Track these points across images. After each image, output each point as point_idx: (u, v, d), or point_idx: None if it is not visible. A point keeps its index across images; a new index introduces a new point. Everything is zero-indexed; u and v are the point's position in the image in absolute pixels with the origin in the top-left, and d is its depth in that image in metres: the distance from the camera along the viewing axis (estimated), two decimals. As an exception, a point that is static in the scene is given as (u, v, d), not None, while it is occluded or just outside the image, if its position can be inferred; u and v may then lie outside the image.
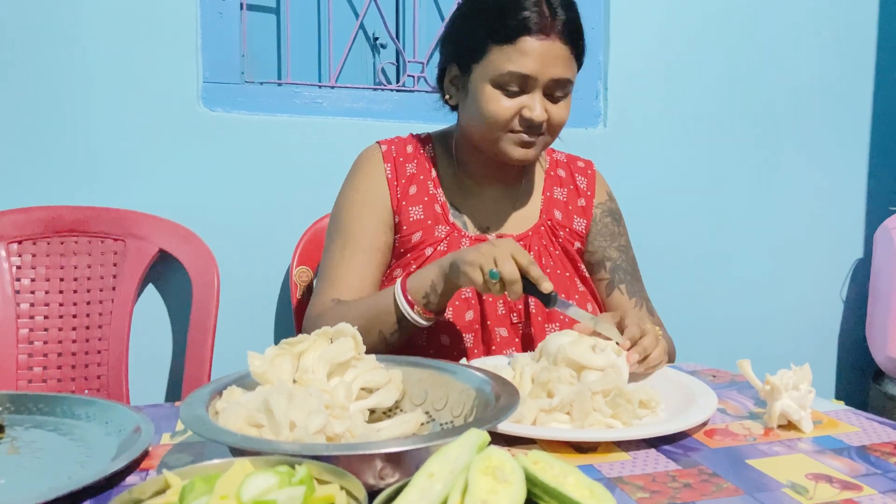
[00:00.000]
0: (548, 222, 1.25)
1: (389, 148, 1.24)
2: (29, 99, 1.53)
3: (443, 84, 1.21)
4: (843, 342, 2.22)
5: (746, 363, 0.86)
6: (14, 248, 1.51)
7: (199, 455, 0.73)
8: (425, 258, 1.17)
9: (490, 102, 1.10)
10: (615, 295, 1.25)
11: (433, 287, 1.02)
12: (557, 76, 1.09)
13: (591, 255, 1.28)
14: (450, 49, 1.18)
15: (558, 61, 1.08)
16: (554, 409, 0.80)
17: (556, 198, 1.27)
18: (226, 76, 1.65)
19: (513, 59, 1.07)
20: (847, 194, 2.17)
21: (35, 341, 1.50)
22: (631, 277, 1.27)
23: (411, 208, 1.20)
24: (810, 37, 2.07)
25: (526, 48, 1.07)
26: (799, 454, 0.73)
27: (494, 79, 1.09)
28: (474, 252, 0.97)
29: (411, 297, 1.03)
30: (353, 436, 0.68)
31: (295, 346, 0.76)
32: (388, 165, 1.22)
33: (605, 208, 1.30)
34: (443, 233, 1.19)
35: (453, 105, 1.22)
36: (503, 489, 0.47)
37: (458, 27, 1.17)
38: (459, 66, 1.16)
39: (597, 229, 1.28)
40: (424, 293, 1.03)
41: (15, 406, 0.84)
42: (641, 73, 1.93)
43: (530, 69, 1.07)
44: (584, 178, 1.31)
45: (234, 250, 1.64)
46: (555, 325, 1.17)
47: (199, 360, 1.50)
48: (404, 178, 1.22)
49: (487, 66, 1.10)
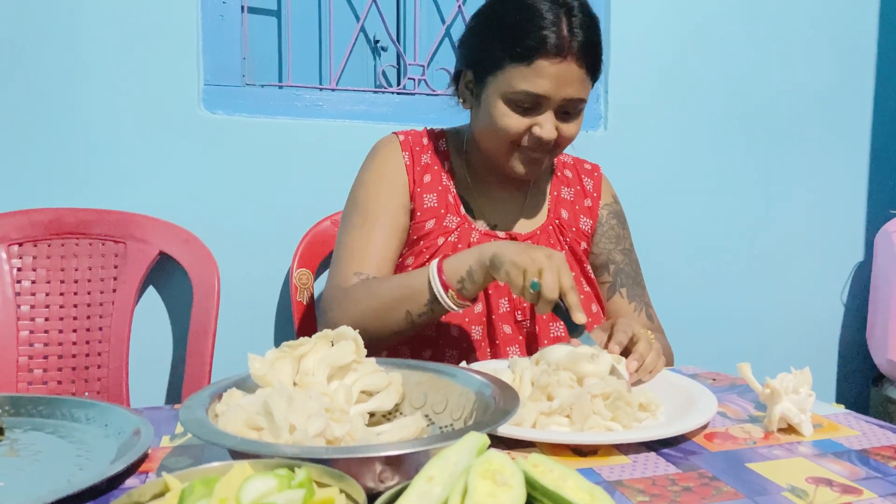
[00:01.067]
0: (555, 221, 1.25)
1: (406, 138, 1.25)
2: (30, 101, 1.53)
3: (458, 86, 1.21)
4: (843, 345, 2.21)
5: (746, 367, 0.86)
6: (15, 251, 1.51)
7: (199, 458, 0.73)
8: (437, 248, 1.17)
9: (501, 118, 1.10)
10: (615, 298, 1.26)
11: (470, 273, 1.00)
12: (571, 96, 1.08)
13: (596, 258, 1.28)
14: (466, 55, 1.18)
15: (573, 82, 1.08)
16: (554, 412, 0.80)
17: (564, 197, 1.28)
18: (227, 79, 1.65)
19: (528, 79, 1.06)
20: (848, 197, 2.17)
21: (35, 343, 1.50)
22: (633, 282, 1.27)
23: (426, 196, 1.20)
24: (811, 40, 2.07)
25: (541, 70, 1.06)
26: (799, 458, 0.73)
27: (507, 95, 1.08)
28: (523, 255, 0.94)
29: (446, 280, 1.01)
30: (353, 439, 0.68)
31: (295, 349, 0.76)
32: (405, 153, 1.22)
33: (611, 210, 1.31)
34: (453, 223, 1.19)
35: (467, 108, 1.22)
36: (503, 493, 0.47)
37: (476, 35, 1.15)
38: (475, 74, 1.15)
39: (602, 231, 1.29)
40: (460, 278, 1.00)
41: (15, 408, 0.84)
42: (642, 76, 1.93)
43: (544, 90, 1.06)
44: (590, 179, 1.31)
45: (234, 253, 1.64)
46: (558, 325, 1.17)
47: (199, 362, 1.50)
48: (419, 166, 1.22)
49: (502, 82, 1.09)
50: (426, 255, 1.17)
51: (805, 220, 2.12)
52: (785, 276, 2.12)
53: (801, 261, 2.13)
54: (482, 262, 0.99)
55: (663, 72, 1.95)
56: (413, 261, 1.18)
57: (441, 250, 1.17)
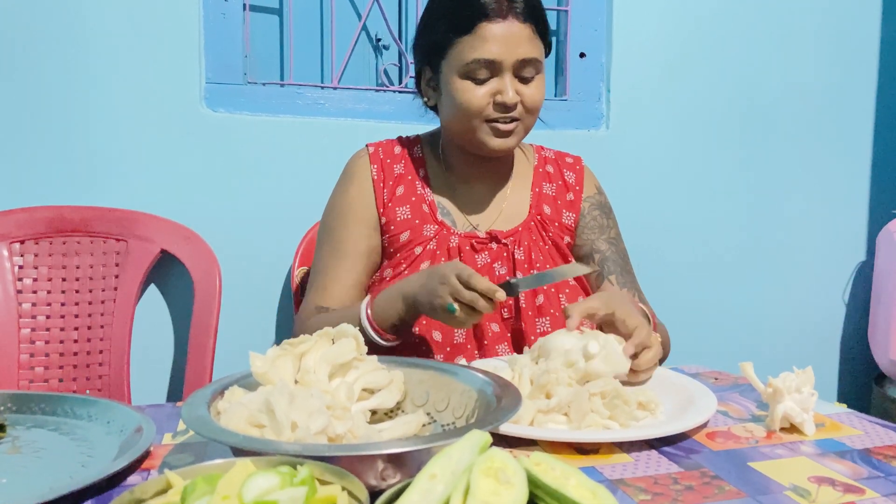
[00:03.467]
0: (537, 217, 1.25)
1: (377, 150, 1.26)
2: (32, 99, 1.53)
3: (420, 88, 1.23)
4: (845, 345, 2.21)
5: (749, 366, 0.86)
6: (17, 248, 1.51)
7: (201, 455, 0.73)
8: (415, 257, 1.18)
9: (462, 93, 1.12)
10: (605, 286, 1.25)
11: (401, 319, 1.05)
12: (522, 56, 1.10)
13: (580, 249, 1.28)
14: (419, 52, 1.21)
15: (521, 41, 1.10)
16: (552, 410, 0.80)
17: (546, 193, 1.28)
18: (228, 77, 1.65)
19: (475, 47, 1.09)
20: (850, 197, 2.16)
21: (37, 341, 1.50)
22: (620, 269, 1.26)
23: (398, 209, 1.21)
24: (813, 40, 2.06)
25: (486, 34, 1.09)
26: (801, 457, 0.73)
27: (462, 70, 1.11)
28: (426, 293, 0.98)
29: (378, 325, 1.06)
30: (355, 436, 0.68)
31: (297, 347, 0.76)
32: (374, 167, 1.24)
33: (594, 202, 1.30)
34: (431, 231, 1.20)
35: (432, 107, 1.24)
36: (505, 491, 0.47)
37: (423, 29, 1.19)
38: (431, 66, 1.18)
39: (585, 222, 1.28)
40: (391, 324, 1.05)
41: (17, 406, 0.85)
42: (644, 76, 1.93)
43: (493, 53, 1.09)
44: (572, 172, 1.31)
45: (236, 251, 1.64)
46: (545, 319, 1.17)
47: (201, 360, 1.51)
48: (392, 178, 1.23)
49: (453, 59, 1.12)
50: (404, 266, 1.18)
51: (807, 220, 2.12)
52: (787, 276, 2.12)
53: (804, 260, 2.13)
54: (409, 305, 1.03)
55: (665, 71, 1.95)
56: (391, 272, 1.19)
57: (419, 259, 1.18)
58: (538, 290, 1.17)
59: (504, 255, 1.20)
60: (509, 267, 1.19)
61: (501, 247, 1.20)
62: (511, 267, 1.19)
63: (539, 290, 1.17)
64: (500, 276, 1.19)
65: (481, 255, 1.19)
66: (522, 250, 1.20)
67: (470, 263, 1.17)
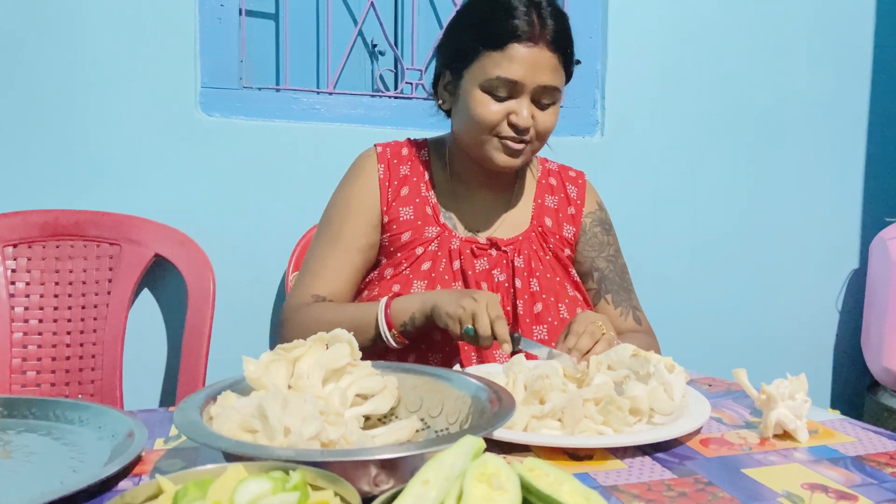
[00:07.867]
0: (538, 228, 1.26)
1: (385, 150, 1.27)
2: (27, 102, 1.53)
3: (437, 90, 1.24)
4: (838, 352, 2.22)
5: (742, 372, 0.86)
6: (10, 252, 1.50)
7: (193, 460, 0.73)
8: (416, 257, 1.19)
9: (478, 106, 1.12)
10: (601, 305, 1.28)
11: (412, 319, 1.06)
12: (545, 83, 1.11)
13: (580, 265, 1.30)
14: (443, 55, 1.21)
15: (546, 69, 1.11)
16: (545, 416, 0.80)
17: (548, 205, 1.29)
18: (224, 81, 1.65)
19: (501, 65, 1.10)
20: (843, 205, 2.17)
21: (29, 345, 1.50)
22: (618, 287, 1.28)
23: (402, 209, 1.22)
24: (807, 47, 2.08)
25: (514, 54, 1.09)
26: (794, 464, 0.73)
27: (483, 83, 1.12)
28: (455, 305, 1.01)
29: (392, 320, 1.07)
30: (348, 442, 0.67)
31: (290, 352, 0.76)
32: (381, 166, 1.25)
33: (595, 218, 1.31)
34: (433, 233, 1.21)
35: (446, 110, 1.25)
36: (498, 496, 0.47)
37: (451, 34, 1.20)
38: (452, 71, 1.18)
39: (585, 239, 1.29)
40: (403, 322, 1.07)
41: (8, 410, 0.84)
42: (639, 82, 1.94)
43: (517, 75, 1.10)
44: (574, 187, 1.32)
45: (230, 255, 1.64)
46: (542, 328, 1.17)
47: (194, 364, 1.50)
48: (397, 179, 1.24)
49: (477, 71, 1.12)
50: (405, 265, 1.19)
51: (800, 227, 2.13)
52: (780, 283, 2.13)
53: (797, 268, 2.14)
54: (424, 310, 1.05)
55: (659, 78, 1.96)
56: (392, 271, 1.20)
57: (420, 260, 1.19)
58: (537, 299, 1.18)
59: (503, 263, 1.21)
60: (508, 274, 1.20)
61: (501, 254, 1.21)
62: (510, 274, 1.20)
63: (538, 299, 1.18)
64: (498, 283, 1.19)
65: (480, 261, 1.20)
66: (522, 258, 1.21)
67: (469, 268, 1.19)
